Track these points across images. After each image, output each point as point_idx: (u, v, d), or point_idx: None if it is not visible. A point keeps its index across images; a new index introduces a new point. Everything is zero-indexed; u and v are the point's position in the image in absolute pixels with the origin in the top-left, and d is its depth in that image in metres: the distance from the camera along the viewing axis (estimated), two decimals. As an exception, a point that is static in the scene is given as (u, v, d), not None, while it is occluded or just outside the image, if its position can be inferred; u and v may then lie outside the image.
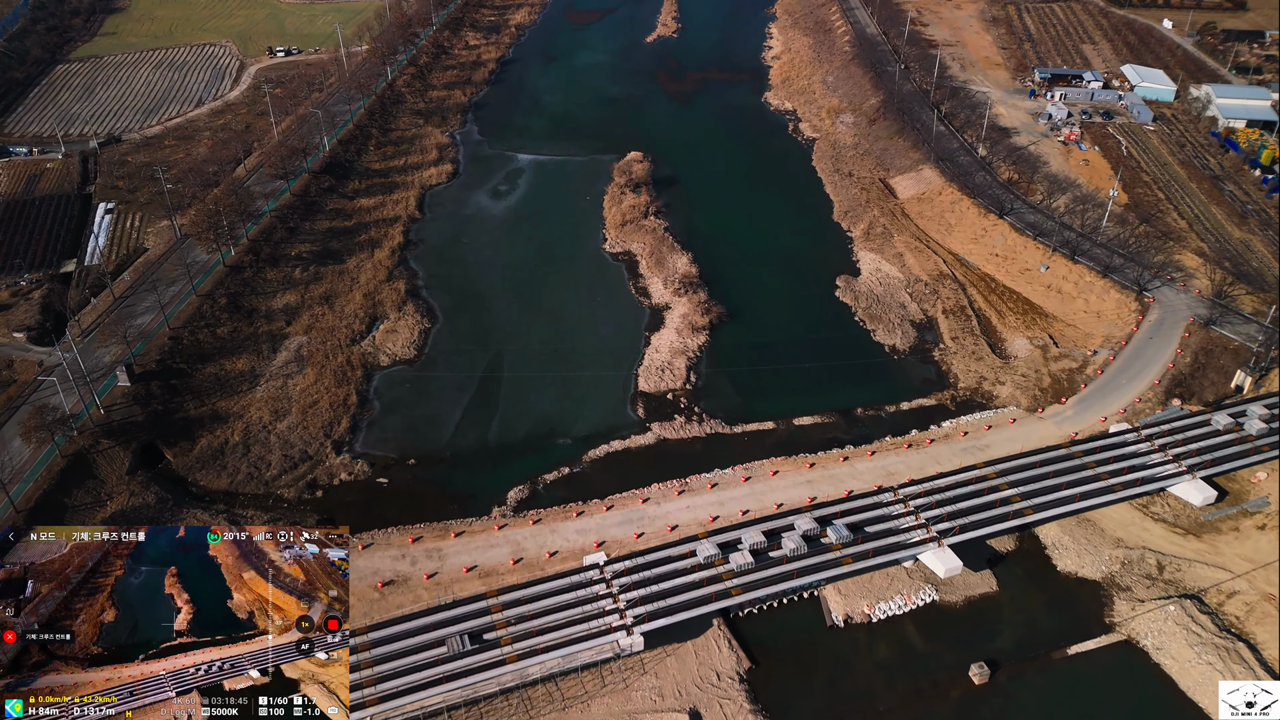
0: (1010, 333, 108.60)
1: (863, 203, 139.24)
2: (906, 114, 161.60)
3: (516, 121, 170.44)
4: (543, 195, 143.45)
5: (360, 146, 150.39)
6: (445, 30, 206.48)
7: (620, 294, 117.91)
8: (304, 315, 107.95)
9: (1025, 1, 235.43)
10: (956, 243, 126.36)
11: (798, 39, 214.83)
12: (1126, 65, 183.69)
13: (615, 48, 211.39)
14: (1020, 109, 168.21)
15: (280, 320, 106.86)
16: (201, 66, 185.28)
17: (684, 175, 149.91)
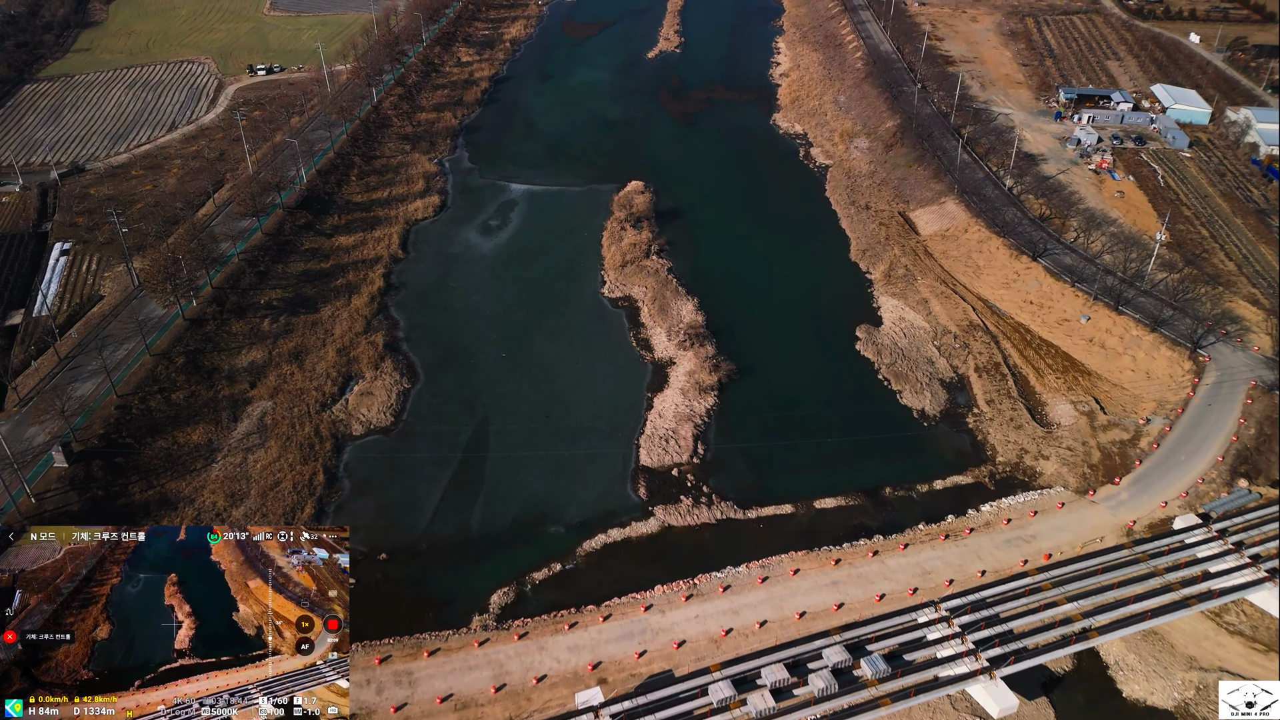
0: (1051, 395, 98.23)
1: (882, 240, 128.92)
2: (926, 139, 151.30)
3: (510, 147, 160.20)
4: (537, 230, 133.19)
5: (341, 176, 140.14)
6: (436, 46, 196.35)
7: (620, 347, 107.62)
8: (270, 375, 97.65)
9: (1044, 14, 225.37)
10: (986, 287, 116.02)
11: (807, 54, 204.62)
12: (1157, 85, 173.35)
13: (615, 64, 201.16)
14: (1046, 133, 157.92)
15: (244, 382, 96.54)
16: (177, 86, 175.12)
17: (688, 207, 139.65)
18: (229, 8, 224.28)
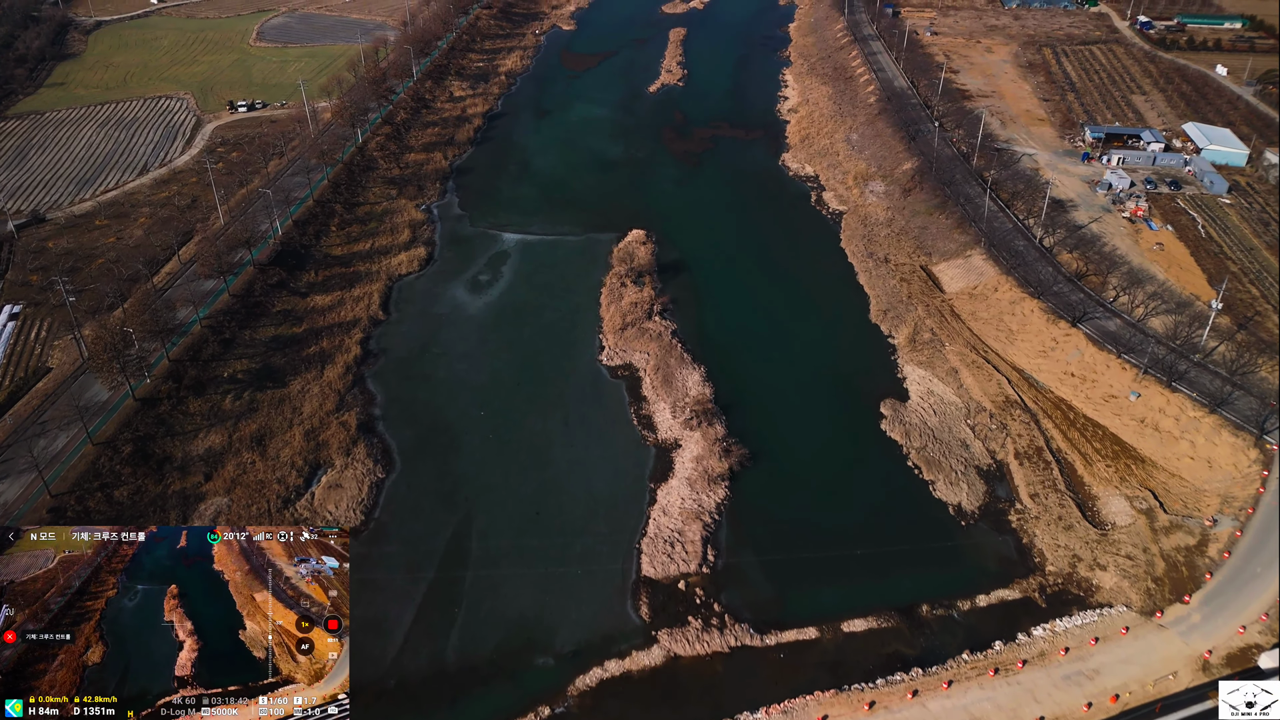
0: (1102, 487, 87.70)
1: (904, 298, 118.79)
2: (947, 184, 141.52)
3: (503, 191, 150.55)
4: (530, 286, 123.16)
5: (320, 227, 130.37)
6: (428, 80, 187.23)
7: (619, 425, 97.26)
8: (229, 464, 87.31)
9: (1061, 44, 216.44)
10: (1021, 356, 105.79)
11: (816, 88, 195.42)
12: (1189, 124, 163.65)
13: (615, 99, 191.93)
14: (1074, 175, 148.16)
15: (198, 473, 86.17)
16: (153, 124, 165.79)
17: (693, 259, 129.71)
18: (214, 39, 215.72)
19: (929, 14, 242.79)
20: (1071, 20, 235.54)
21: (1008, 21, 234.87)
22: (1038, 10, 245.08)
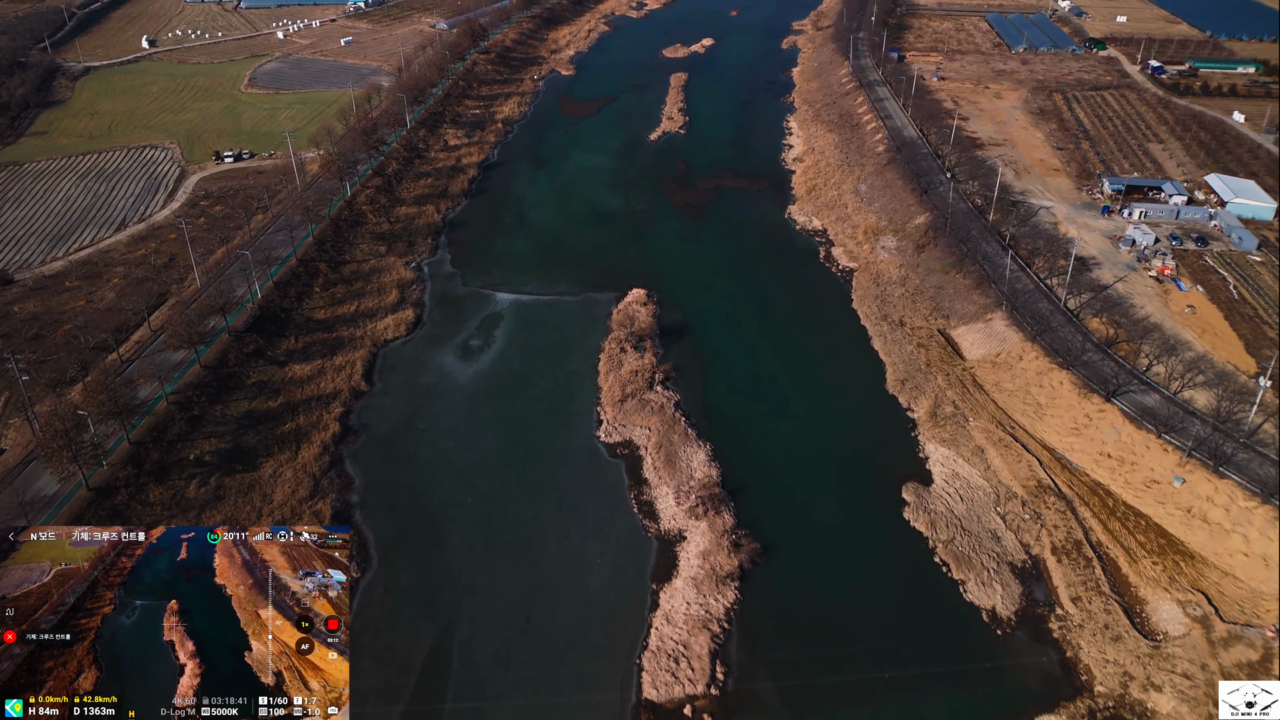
0: (1150, 589, 79.62)
1: (922, 366, 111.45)
2: (963, 240, 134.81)
3: (497, 246, 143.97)
4: (524, 352, 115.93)
5: (303, 288, 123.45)
6: (422, 129, 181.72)
7: (618, 513, 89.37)
8: (188, 563, 79.30)
9: (1071, 89, 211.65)
10: (1051, 433, 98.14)
11: (821, 135, 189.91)
12: (1212, 175, 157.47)
13: (615, 147, 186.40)
14: (1095, 230, 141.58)
15: (153, 574, 78.16)
16: (135, 175, 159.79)
17: (697, 321, 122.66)
18: (204, 85, 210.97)
19: (934, 58, 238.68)
20: (1080, 65, 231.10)
21: (1015, 66, 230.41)
22: (1045, 54, 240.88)
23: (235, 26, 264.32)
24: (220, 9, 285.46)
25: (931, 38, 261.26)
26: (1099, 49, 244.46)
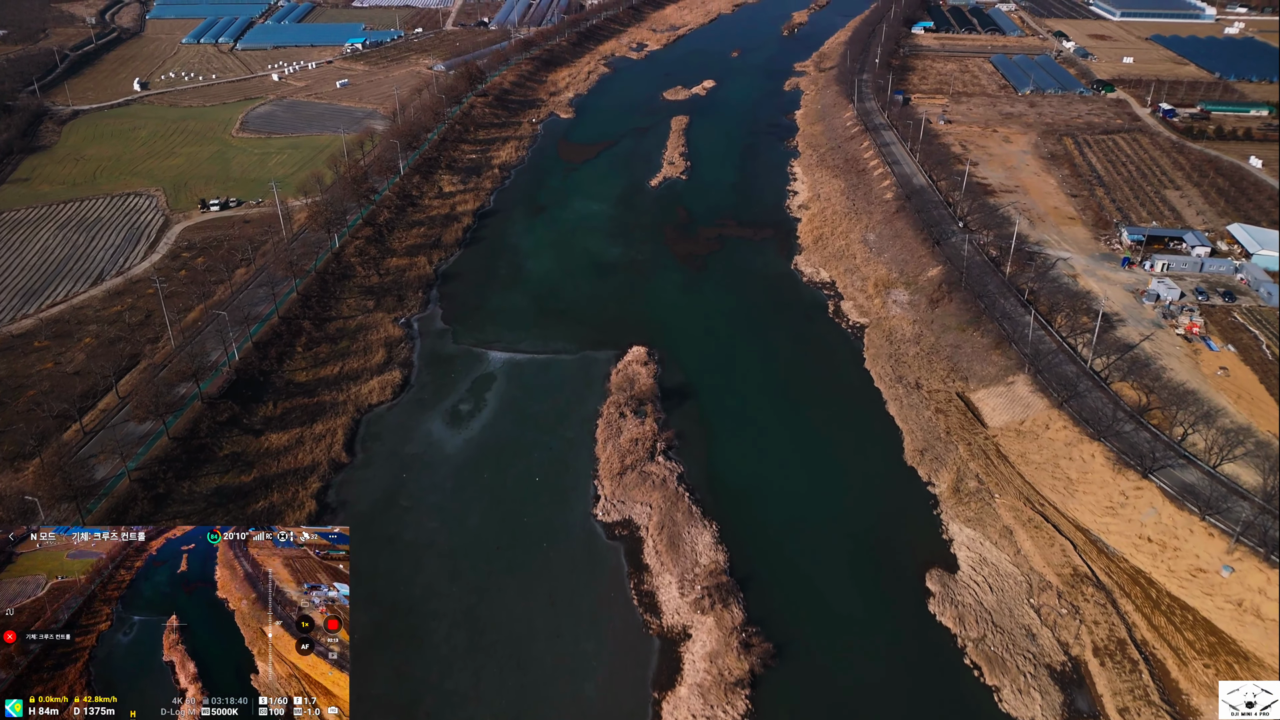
0: (1204, 698, 71.90)
1: (941, 434, 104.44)
2: (980, 295, 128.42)
3: (491, 300, 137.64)
4: (517, 418, 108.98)
5: (284, 348, 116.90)
6: (415, 175, 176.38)
7: (616, 606, 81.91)
8: (141, 668, 71.81)
9: (1082, 132, 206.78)
10: (1085, 512, 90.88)
11: (827, 181, 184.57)
12: (1234, 225, 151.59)
13: (615, 193, 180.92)
14: (1115, 283, 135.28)
15: (101, 683, 70.63)
16: (117, 225, 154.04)
17: (701, 383, 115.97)
18: (195, 129, 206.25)
19: (940, 100, 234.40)
20: (1090, 107, 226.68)
21: (1023, 109, 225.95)
22: (1053, 97, 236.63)
23: (230, 68, 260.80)
24: (216, 50, 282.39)
25: (936, 79, 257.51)
26: (1107, 91, 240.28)
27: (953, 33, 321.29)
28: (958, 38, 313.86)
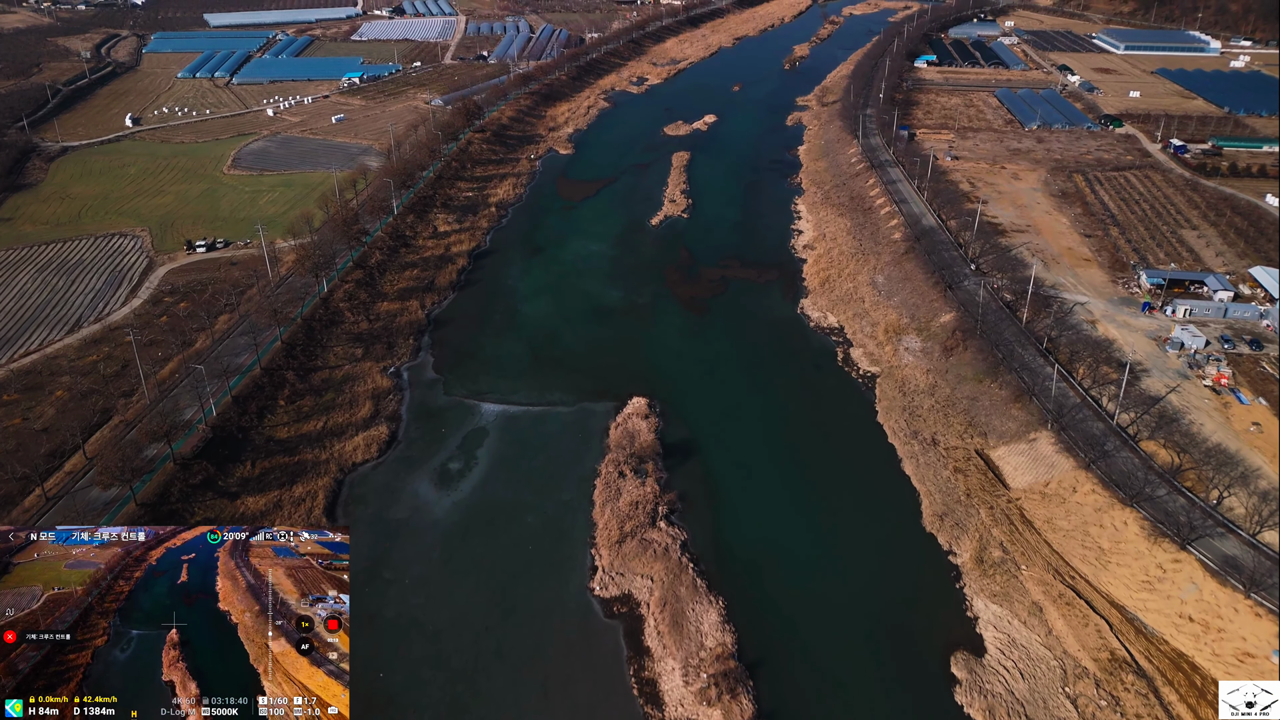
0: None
1: (961, 496, 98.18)
2: (997, 343, 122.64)
3: (485, 347, 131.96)
4: (509, 478, 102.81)
5: (266, 401, 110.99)
6: (410, 214, 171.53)
7: (615, 695, 75.29)
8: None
9: (1092, 169, 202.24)
10: (1119, 587, 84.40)
11: (832, 220, 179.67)
12: (1257, 268, 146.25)
13: (614, 232, 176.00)
14: (1137, 330, 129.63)
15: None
16: (99, 267, 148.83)
17: (705, 437, 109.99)
18: (185, 165, 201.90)
19: (946, 136, 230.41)
20: (1099, 143, 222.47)
21: (1031, 145, 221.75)
22: (1060, 132, 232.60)
23: (225, 103, 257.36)
24: (212, 85, 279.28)
25: (941, 114, 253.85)
26: (1115, 126, 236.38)
27: (955, 66, 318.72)
28: (961, 71, 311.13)
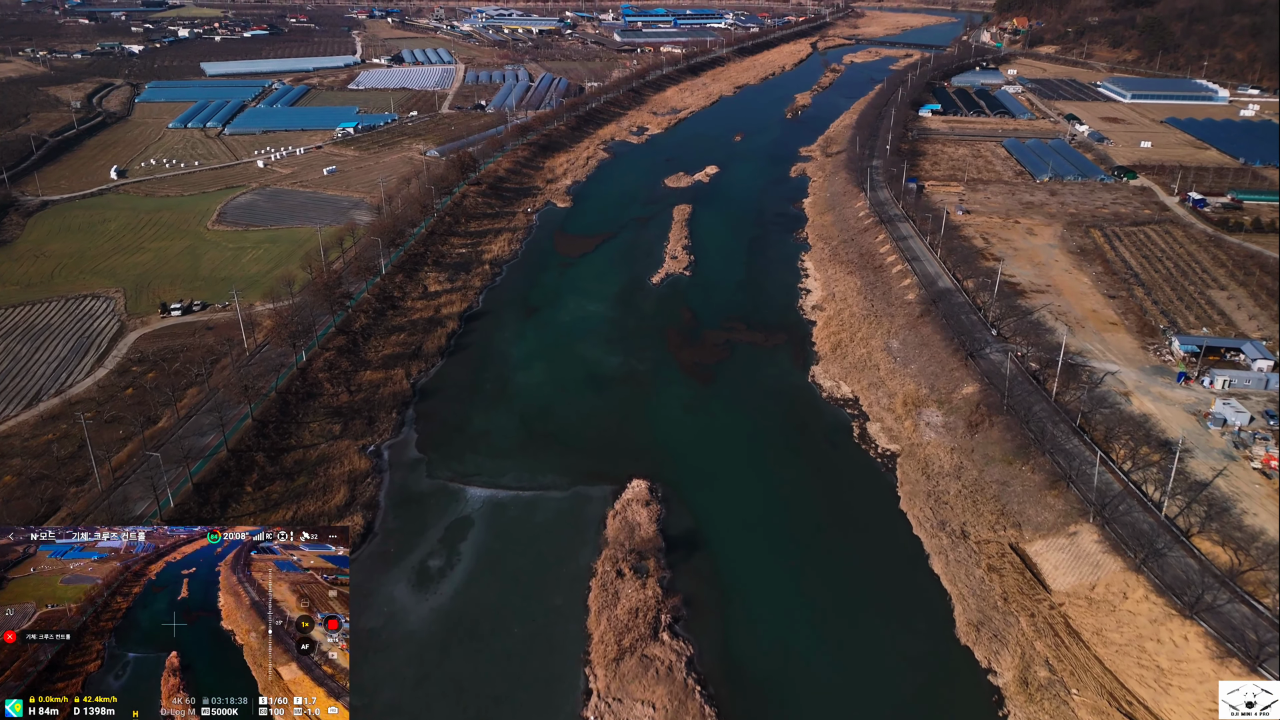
0: None
1: (998, 601, 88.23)
2: (1025, 419, 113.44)
3: (474, 421, 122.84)
4: (496, 577, 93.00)
5: (231, 488, 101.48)
6: (399, 274, 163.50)
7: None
8: None
9: (1108, 224, 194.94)
10: (1183, 715, 74.12)
11: (842, 278, 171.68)
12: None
13: (613, 291, 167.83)
14: (1174, 403, 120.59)
15: None
16: (66, 333, 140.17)
17: (710, 527, 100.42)
18: (169, 220, 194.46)
19: (955, 188, 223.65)
20: (1114, 196, 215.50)
21: (1044, 198, 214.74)
22: (1073, 184, 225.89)
23: (215, 154, 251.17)
24: (204, 135, 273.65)
25: (948, 165, 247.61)
26: (1129, 178, 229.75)
27: (961, 115, 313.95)
28: (967, 120, 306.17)
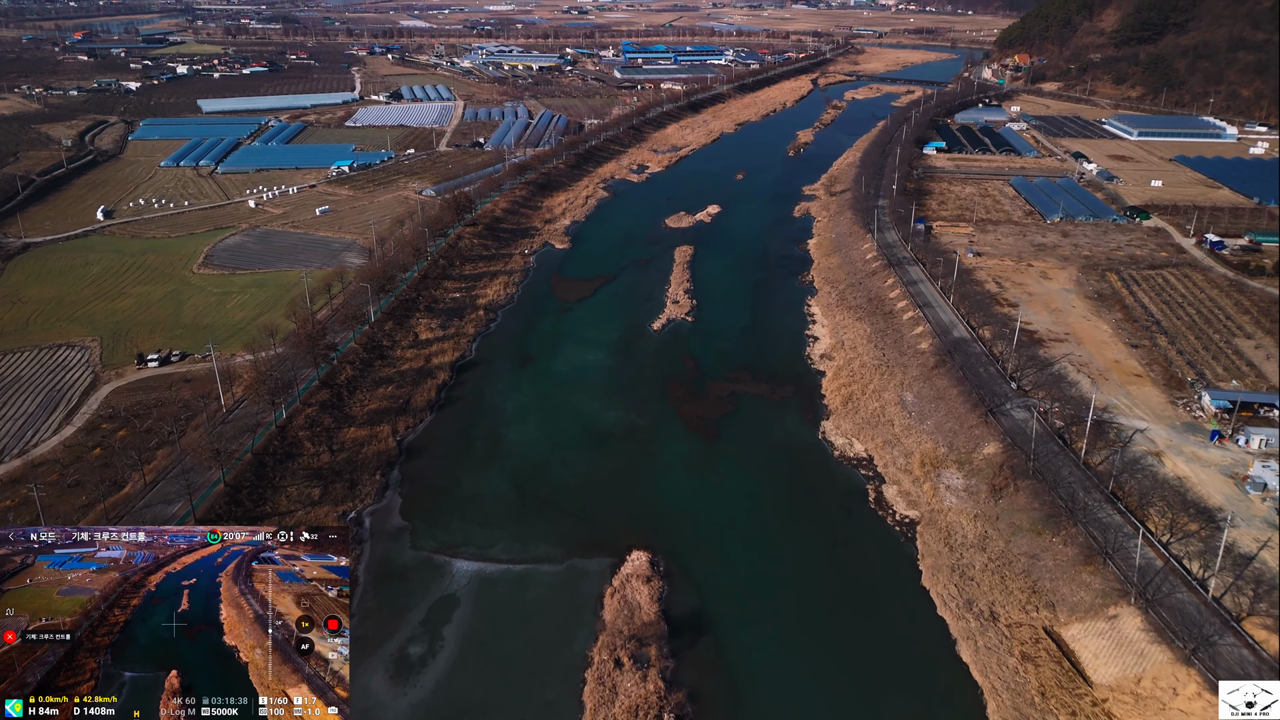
0: None
1: (1035, 697, 79.97)
2: (1055, 484, 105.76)
3: (463, 484, 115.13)
4: (482, 666, 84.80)
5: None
6: (389, 321, 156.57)
7: None
8: None
9: (1125, 267, 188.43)
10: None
11: (850, 325, 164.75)
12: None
13: (613, 338, 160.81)
14: (1209, 465, 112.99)
15: None
16: (36, 386, 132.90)
17: (716, 608, 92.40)
18: (154, 264, 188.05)
19: (964, 229, 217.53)
20: (1128, 238, 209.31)
21: (1056, 239, 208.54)
22: (1086, 225, 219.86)
23: (206, 194, 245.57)
24: (195, 174, 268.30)
25: (956, 205, 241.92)
26: (1143, 219, 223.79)
27: (966, 153, 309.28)
28: (972, 158, 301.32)
